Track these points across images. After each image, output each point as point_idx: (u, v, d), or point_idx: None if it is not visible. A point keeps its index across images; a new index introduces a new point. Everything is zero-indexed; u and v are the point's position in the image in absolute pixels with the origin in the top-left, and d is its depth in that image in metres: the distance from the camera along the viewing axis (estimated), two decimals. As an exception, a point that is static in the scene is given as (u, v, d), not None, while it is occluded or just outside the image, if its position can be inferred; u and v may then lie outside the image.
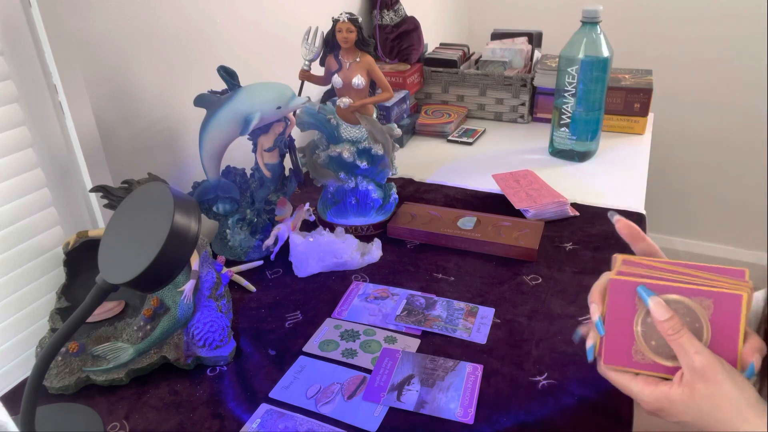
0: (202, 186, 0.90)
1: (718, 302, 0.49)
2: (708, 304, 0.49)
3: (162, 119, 0.90)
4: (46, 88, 0.71)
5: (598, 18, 1.13)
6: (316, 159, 0.97)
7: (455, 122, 1.41)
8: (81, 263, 0.74)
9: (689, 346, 0.48)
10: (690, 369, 0.48)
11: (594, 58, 1.13)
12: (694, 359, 0.48)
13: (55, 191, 0.74)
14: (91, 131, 0.76)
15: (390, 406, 0.64)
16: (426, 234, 0.95)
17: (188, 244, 0.52)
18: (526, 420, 0.62)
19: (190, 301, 0.72)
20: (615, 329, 0.53)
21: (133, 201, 0.57)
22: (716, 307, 0.49)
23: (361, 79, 0.89)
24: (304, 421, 0.63)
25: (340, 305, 0.81)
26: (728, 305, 0.48)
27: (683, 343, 0.48)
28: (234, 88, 0.83)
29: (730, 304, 0.48)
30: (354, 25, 0.86)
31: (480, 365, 0.69)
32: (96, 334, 0.72)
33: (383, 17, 1.44)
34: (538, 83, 1.41)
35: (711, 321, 0.49)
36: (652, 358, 0.52)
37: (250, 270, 0.89)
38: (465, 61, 1.53)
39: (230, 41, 1.01)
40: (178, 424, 0.63)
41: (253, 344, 0.75)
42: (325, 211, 1.01)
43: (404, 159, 1.26)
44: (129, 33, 0.81)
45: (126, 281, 0.51)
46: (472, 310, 0.79)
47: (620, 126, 1.37)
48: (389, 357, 0.71)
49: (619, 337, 0.52)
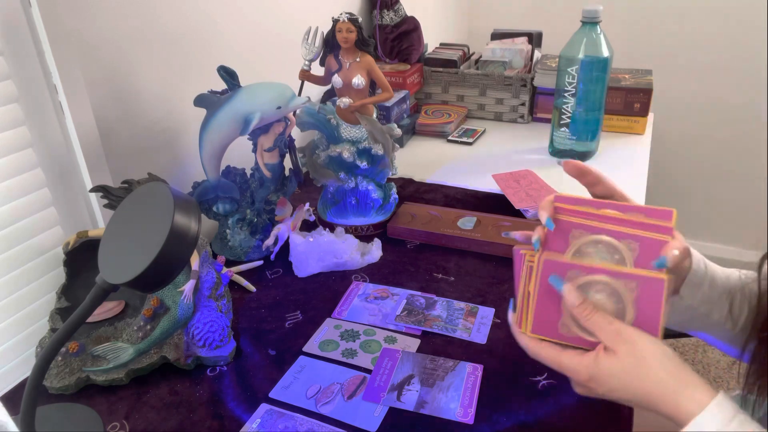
0: (202, 186, 0.90)
1: (642, 285, 0.51)
2: (633, 286, 0.51)
3: (162, 119, 0.90)
4: (46, 88, 0.71)
5: (598, 18, 1.13)
6: (316, 159, 0.97)
7: (455, 122, 1.41)
8: (81, 263, 0.74)
9: (602, 320, 0.50)
10: (607, 338, 0.50)
11: (594, 58, 1.13)
12: (608, 329, 0.50)
13: (55, 191, 0.74)
14: (91, 131, 0.76)
15: (390, 406, 0.64)
16: (426, 234, 0.95)
17: (188, 244, 0.52)
18: (526, 420, 0.62)
19: (190, 301, 0.72)
20: (545, 303, 0.54)
21: (133, 201, 0.57)
22: (640, 289, 0.51)
23: (361, 79, 0.89)
24: (304, 421, 0.63)
25: (340, 305, 0.82)
26: (651, 288, 0.50)
27: (597, 320, 0.50)
28: (234, 88, 0.83)
29: (653, 287, 0.50)
30: (354, 25, 0.86)
31: (480, 365, 0.69)
32: (96, 334, 0.72)
33: (383, 17, 1.44)
34: (538, 83, 1.41)
35: (635, 302, 0.51)
36: (577, 333, 0.53)
37: (250, 270, 0.89)
38: (465, 61, 1.53)
39: (230, 41, 1.01)
40: (178, 424, 0.63)
41: (253, 344, 0.75)
42: (325, 211, 1.01)
43: (404, 159, 1.26)
44: (129, 33, 0.81)
45: (126, 281, 0.51)
46: (472, 310, 0.79)
47: (620, 126, 1.37)
48: (389, 357, 0.71)
49: (548, 310, 0.54)
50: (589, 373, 0.50)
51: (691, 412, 0.46)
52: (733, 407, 0.46)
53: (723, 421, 0.45)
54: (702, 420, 0.45)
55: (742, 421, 0.45)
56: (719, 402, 0.46)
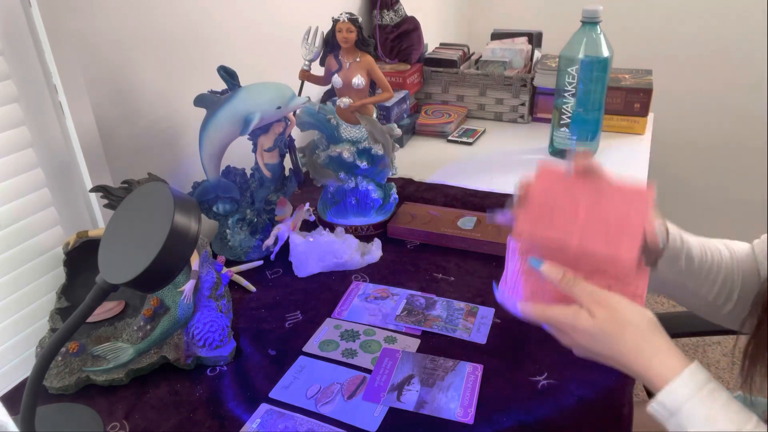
0: (202, 186, 0.90)
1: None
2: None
3: (162, 119, 0.90)
4: (46, 88, 0.71)
5: (598, 18, 1.13)
6: (316, 159, 0.97)
7: (455, 122, 1.41)
8: (81, 263, 0.74)
9: (581, 290, 0.53)
10: (589, 305, 0.52)
11: (594, 58, 1.13)
12: (588, 298, 0.53)
13: (55, 191, 0.74)
14: (91, 131, 0.76)
15: (390, 406, 0.64)
16: (426, 234, 0.95)
17: (188, 244, 0.52)
18: (526, 420, 0.62)
19: (190, 301, 0.72)
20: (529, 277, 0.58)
21: (133, 201, 0.57)
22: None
23: (361, 79, 0.89)
24: (304, 421, 0.63)
25: (340, 305, 0.81)
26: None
27: (577, 291, 0.53)
28: (234, 88, 0.83)
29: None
30: (354, 25, 0.86)
31: (480, 365, 0.69)
32: (96, 334, 0.72)
33: (383, 17, 1.44)
34: (538, 83, 1.41)
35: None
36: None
37: (250, 270, 0.89)
38: (465, 61, 1.53)
39: (230, 41, 1.01)
40: (178, 424, 0.63)
41: (253, 344, 0.75)
42: (325, 211, 1.01)
43: (404, 159, 1.26)
44: (129, 33, 0.81)
45: (126, 281, 0.51)
46: (472, 310, 0.79)
47: (620, 126, 1.37)
48: (389, 357, 0.71)
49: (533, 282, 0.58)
50: (572, 325, 0.53)
51: (664, 376, 0.48)
52: (705, 375, 0.48)
53: (695, 387, 0.47)
54: (675, 385, 0.47)
55: (713, 389, 0.47)
56: (692, 370, 0.48)
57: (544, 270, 0.55)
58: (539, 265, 0.56)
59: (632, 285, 0.54)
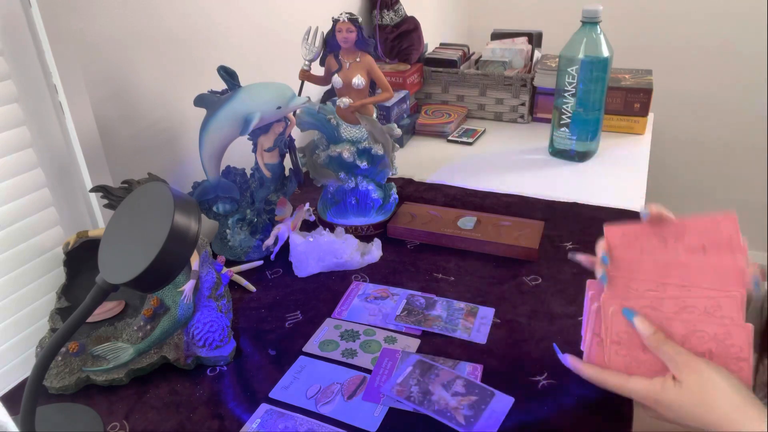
0: (202, 186, 0.90)
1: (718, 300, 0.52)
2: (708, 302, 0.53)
3: (162, 119, 0.90)
4: (46, 88, 0.71)
5: (598, 18, 1.13)
6: (316, 159, 0.97)
7: (455, 122, 1.41)
8: (81, 263, 0.74)
9: (672, 350, 0.52)
10: (677, 368, 0.51)
11: (594, 58, 1.13)
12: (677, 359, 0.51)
13: (55, 191, 0.74)
14: (91, 131, 0.76)
15: (390, 406, 0.64)
16: (426, 234, 0.95)
17: (188, 244, 0.52)
18: (526, 420, 0.62)
19: (190, 301, 0.72)
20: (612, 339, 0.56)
21: (133, 201, 0.57)
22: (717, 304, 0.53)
23: (361, 79, 0.89)
24: (304, 421, 0.63)
25: (340, 305, 0.81)
26: (729, 303, 0.52)
27: (667, 350, 0.52)
28: (234, 88, 0.83)
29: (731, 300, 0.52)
30: (354, 25, 0.86)
31: (480, 365, 0.69)
32: (96, 334, 0.72)
33: (383, 17, 1.44)
34: (538, 83, 1.41)
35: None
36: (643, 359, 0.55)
37: (250, 270, 0.89)
38: (465, 61, 1.53)
39: (230, 41, 1.01)
40: (178, 424, 0.63)
41: (253, 344, 0.75)
42: (325, 211, 1.01)
43: (404, 159, 1.26)
44: (129, 33, 0.81)
45: (126, 281, 0.51)
46: (472, 310, 0.79)
47: (620, 126, 1.37)
48: (389, 357, 0.71)
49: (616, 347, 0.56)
50: (656, 399, 0.52)
51: None
52: None
53: None
54: None
55: None
56: None
57: (637, 323, 0.53)
58: (632, 316, 0.54)
59: (735, 347, 0.52)
